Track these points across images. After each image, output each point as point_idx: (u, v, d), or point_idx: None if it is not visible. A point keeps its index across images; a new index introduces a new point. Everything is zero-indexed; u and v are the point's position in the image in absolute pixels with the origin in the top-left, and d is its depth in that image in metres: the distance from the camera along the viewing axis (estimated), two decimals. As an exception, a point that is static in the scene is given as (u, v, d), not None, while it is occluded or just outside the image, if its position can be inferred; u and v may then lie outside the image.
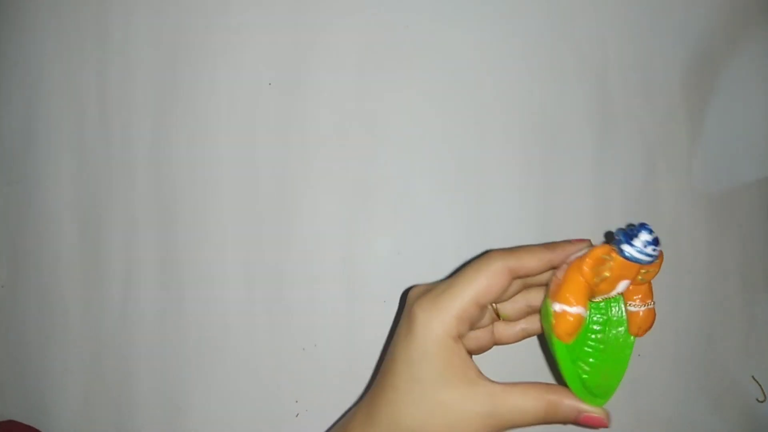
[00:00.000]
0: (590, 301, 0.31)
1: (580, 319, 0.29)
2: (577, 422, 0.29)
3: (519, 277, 0.31)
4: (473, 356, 0.33)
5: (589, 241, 0.31)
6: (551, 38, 0.44)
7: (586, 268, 0.28)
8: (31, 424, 0.43)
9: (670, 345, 0.43)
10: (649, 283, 0.31)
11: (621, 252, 0.28)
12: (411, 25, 0.44)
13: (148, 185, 0.44)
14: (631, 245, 0.28)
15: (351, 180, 0.43)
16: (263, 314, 0.43)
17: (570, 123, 0.43)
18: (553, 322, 0.29)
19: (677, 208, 0.44)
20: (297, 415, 0.42)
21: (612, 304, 0.32)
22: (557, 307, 0.29)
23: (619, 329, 0.32)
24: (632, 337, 0.31)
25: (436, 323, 0.29)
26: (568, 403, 0.29)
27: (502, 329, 0.34)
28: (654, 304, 0.31)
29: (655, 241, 0.28)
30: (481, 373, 0.30)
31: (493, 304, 0.33)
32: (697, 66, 0.44)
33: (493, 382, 0.29)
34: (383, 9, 0.44)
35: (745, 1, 0.45)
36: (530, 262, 0.30)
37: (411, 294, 0.32)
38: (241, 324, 0.43)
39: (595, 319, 0.32)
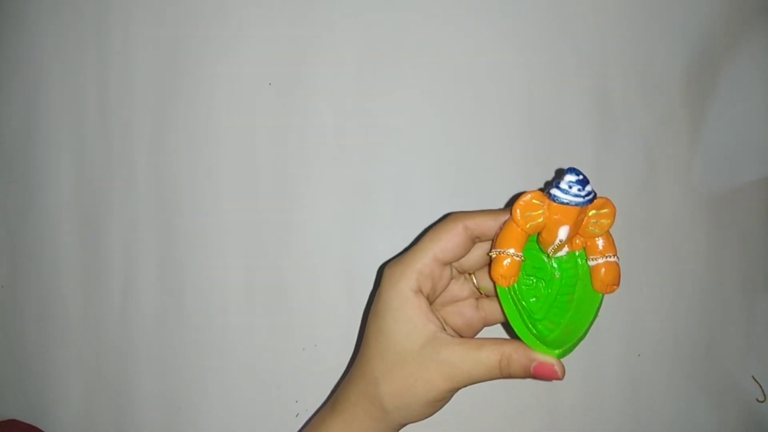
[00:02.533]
0: (549, 257, 0.31)
1: (514, 261, 0.30)
2: (530, 375, 0.29)
3: (477, 237, 0.32)
4: (464, 337, 0.34)
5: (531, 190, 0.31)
6: (551, 38, 0.44)
7: (517, 214, 0.29)
8: (33, 424, 0.43)
9: (670, 345, 0.43)
10: (608, 234, 0.30)
11: (549, 196, 0.28)
12: (411, 25, 0.44)
13: (148, 185, 0.44)
14: (557, 187, 0.28)
15: (351, 180, 0.43)
16: (263, 314, 0.43)
17: (570, 123, 0.43)
18: (491, 267, 0.30)
19: (677, 208, 0.44)
20: (297, 415, 0.42)
21: (578, 261, 0.32)
22: (493, 252, 0.30)
23: (586, 287, 0.31)
24: (599, 294, 0.31)
25: (398, 277, 0.31)
26: (521, 352, 0.29)
27: (488, 305, 0.35)
28: (616, 257, 0.30)
29: (582, 182, 0.28)
30: (442, 327, 0.31)
31: (474, 280, 0.35)
32: (697, 66, 0.44)
33: (452, 336, 0.30)
34: (383, 9, 0.44)
35: (745, 1, 0.45)
36: (486, 221, 0.31)
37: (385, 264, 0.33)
38: (241, 324, 0.43)
39: (565, 281, 0.32)
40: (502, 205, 0.43)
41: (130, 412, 0.43)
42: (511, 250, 0.29)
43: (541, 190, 0.29)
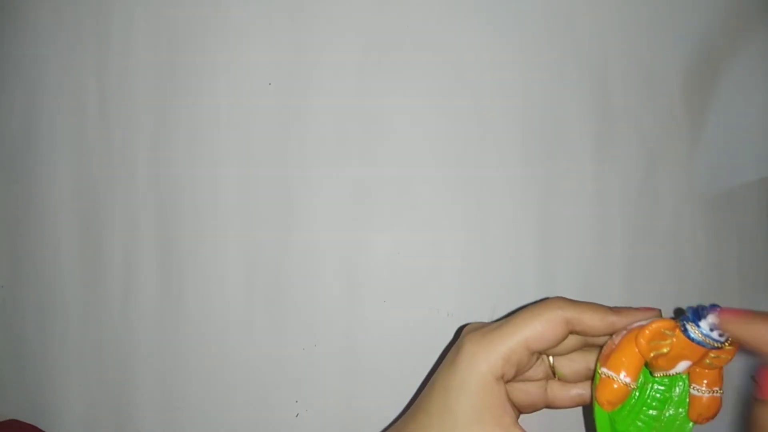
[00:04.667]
0: (650, 375, 0.29)
1: (625, 390, 0.28)
2: None
3: (576, 332, 0.30)
4: (522, 414, 0.32)
5: (659, 311, 0.29)
6: (551, 38, 0.44)
7: (642, 340, 0.27)
8: (33, 424, 0.43)
9: (670, 345, 0.43)
10: (720, 369, 0.29)
11: (684, 330, 0.27)
12: (411, 25, 0.44)
13: (149, 185, 0.44)
14: (697, 326, 0.27)
15: (351, 180, 0.43)
16: (263, 314, 0.43)
17: (570, 123, 0.43)
18: (597, 386, 0.28)
19: (677, 208, 0.44)
20: (297, 415, 0.42)
21: (677, 383, 0.30)
22: (604, 372, 0.28)
23: (679, 410, 0.30)
24: (690, 423, 0.29)
25: (481, 357, 0.28)
26: None
27: (557, 390, 0.33)
28: (721, 392, 0.29)
29: None
30: (516, 421, 0.29)
31: (550, 360, 0.33)
32: (697, 66, 0.44)
33: (518, 412, 0.29)
34: (383, 9, 0.43)
35: (745, 1, 0.45)
36: (591, 319, 0.29)
37: (466, 329, 0.31)
38: (241, 324, 0.43)
39: (655, 395, 0.31)
40: (501, 205, 0.43)
41: (131, 412, 0.43)
42: (627, 379, 0.27)
43: (673, 318, 0.28)
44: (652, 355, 0.27)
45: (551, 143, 0.43)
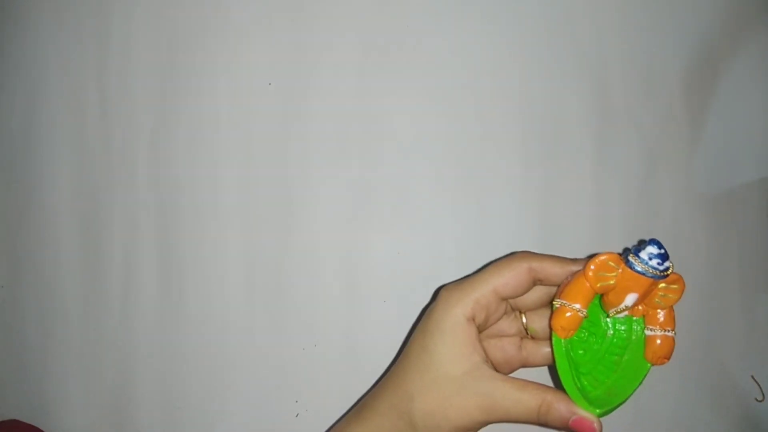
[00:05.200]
0: (608, 316, 0.31)
1: (576, 316, 0.30)
2: (566, 427, 0.29)
3: (540, 281, 0.32)
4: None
5: (610, 252, 0.31)
6: (551, 38, 0.44)
7: (590, 272, 0.29)
8: (33, 424, 0.43)
9: (670, 345, 0.43)
10: (671, 309, 0.31)
11: (627, 262, 0.29)
12: (411, 25, 0.44)
13: (149, 185, 0.44)
14: (637, 256, 0.29)
15: (351, 180, 0.43)
16: (263, 314, 0.43)
17: (570, 123, 0.43)
18: (552, 316, 0.30)
19: (677, 208, 0.44)
20: (297, 415, 0.42)
21: (633, 326, 0.32)
22: (558, 301, 0.30)
23: (638, 353, 0.32)
24: (648, 364, 0.31)
25: (454, 301, 0.31)
26: (562, 404, 0.29)
27: (531, 348, 0.35)
28: (674, 332, 0.31)
29: (662, 257, 0.28)
30: (487, 359, 0.31)
31: (523, 319, 0.35)
32: (697, 66, 0.44)
33: (496, 371, 0.31)
34: (383, 9, 0.44)
35: (745, 1, 0.45)
36: (552, 267, 0.31)
37: (443, 286, 0.33)
38: (241, 324, 0.43)
39: (616, 342, 0.32)
40: (501, 205, 0.43)
41: (131, 412, 0.43)
42: (577, 306, 0.30)
43: (618, 254, 0.29)
44: (599, 285, 0.29)
45: (551, 143, 0.43)
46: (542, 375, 0.39)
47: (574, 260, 0.32)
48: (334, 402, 0.41)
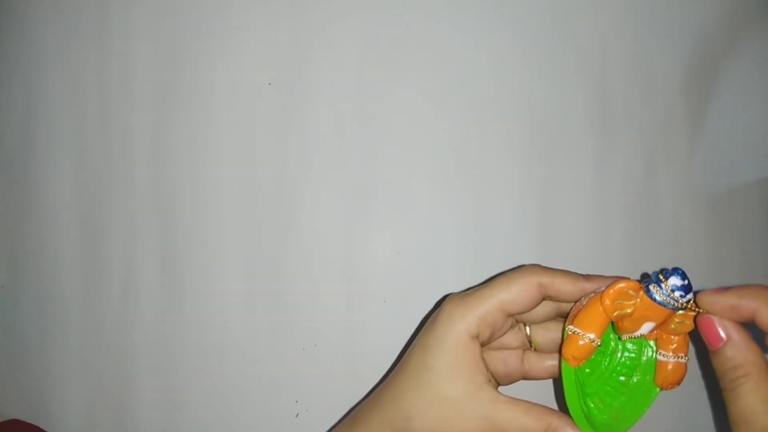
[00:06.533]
0: (619, 339, 0.30)
1: (589, 346, 0.29)
2: None
3: (550, 297, 0.31)
4: (500, 387, 0.33)
5: (628, 279, 0.30)
6: (551, 38, 0.44)
7: (607, 299, 0.28)
8: (34, 423, 0.43)
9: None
10: (686, 335, 0.30)
11: (647, 291, 0.28)
12: (411, 25, 0.44)
13: (148, 185, 0.44)
14: (659, 286, 0.28)
15: (351, 180, 0.43)
16: (263, 314, 0.43)
17: (570, 123, 0.43)
18: (563, 342, 0.29)
19: (677, 208, 0.44)
20: (297, 415, 0.42)
21: (645, 349, 0.31)
22: (570, 329, 0.29)
23: (647, 377, 0.31)
24: (657, 389, 0.30)
25: (458, 317, 0.30)
26: (568, 428, 0.28)
27: (533, 360, 0.34)
28: (686, 358, 0.30)
29: (686, 289, 0.27)
30: (490, 379, 0.30)
31: (527, 330, 0.34)
32: (697, 66, 0.44)
33: (499, 391, 0.30)
34: (383, 8, 0.43)
35: (745, 1, 0.45)
36: (563, 284, 0.30)
37: (448, 297, 0.32)
38: (241, 324, 0.43)
39: (624, 362, 0.31)
40: (502, 205, 0.43)
41: (131, 411, 0.43)
42: (591, 335, 0.28)
43: (638, 281, 0.29)
44: (616, 314, 0.28)
45: (551, 143, 0.43)
46: (543, 383, 0.38)
47: (587, 277, 0.30)
48: (334, 402, 0.41)
